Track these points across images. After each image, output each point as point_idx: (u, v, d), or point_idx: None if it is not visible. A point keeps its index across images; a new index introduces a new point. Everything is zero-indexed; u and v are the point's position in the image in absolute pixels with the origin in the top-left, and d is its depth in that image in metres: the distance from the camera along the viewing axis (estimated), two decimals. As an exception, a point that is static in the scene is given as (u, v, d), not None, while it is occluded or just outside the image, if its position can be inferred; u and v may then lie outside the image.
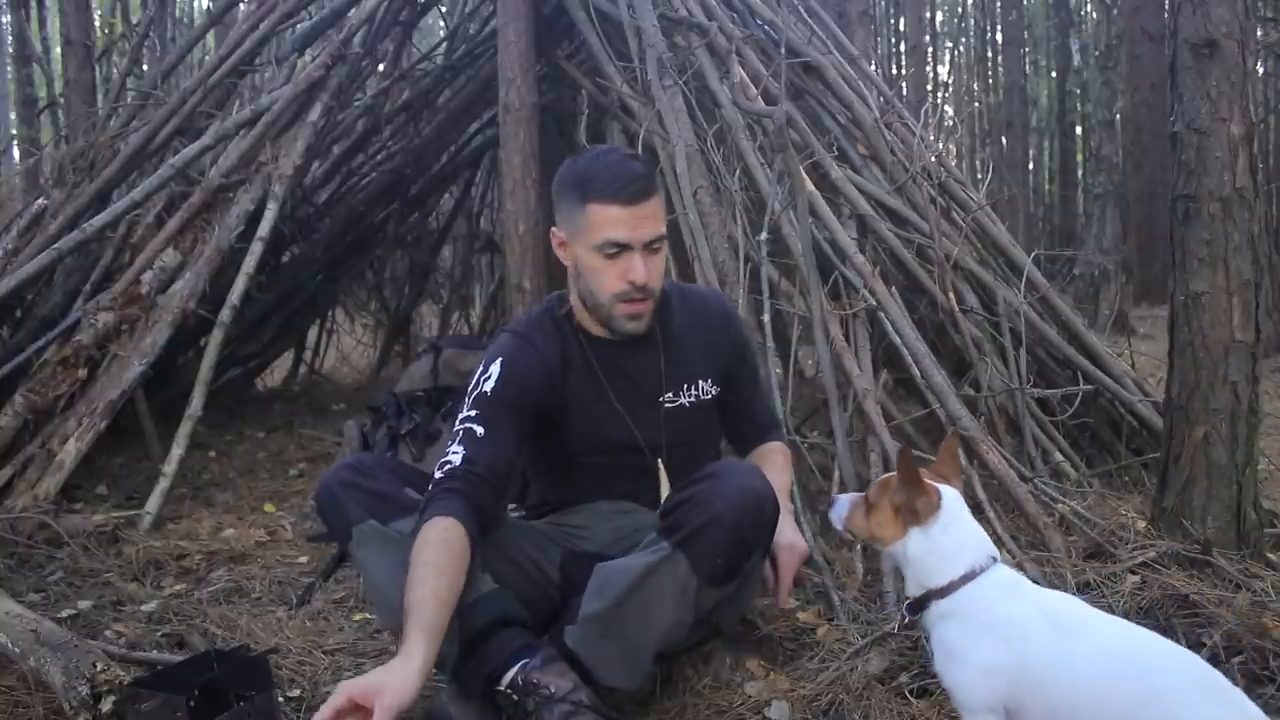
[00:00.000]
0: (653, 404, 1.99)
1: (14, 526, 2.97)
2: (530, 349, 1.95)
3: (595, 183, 1.85)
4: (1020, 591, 1.50)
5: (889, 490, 1.55)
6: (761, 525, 1.81)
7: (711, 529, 1.74)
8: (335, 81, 4.05)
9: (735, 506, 1.74)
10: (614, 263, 1.86)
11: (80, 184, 4.10)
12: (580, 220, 1.87)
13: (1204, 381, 2.36)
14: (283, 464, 4.21)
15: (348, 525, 1.84)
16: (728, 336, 2.08)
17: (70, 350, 3.49)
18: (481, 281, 7.21)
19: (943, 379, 2.92)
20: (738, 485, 1.77)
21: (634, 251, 1.86)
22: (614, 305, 1.90)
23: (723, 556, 1.77)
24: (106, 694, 1.77)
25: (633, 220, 1.85)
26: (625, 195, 1.84)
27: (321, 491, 1.90)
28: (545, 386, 1.93)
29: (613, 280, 1.87)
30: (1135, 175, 12.47)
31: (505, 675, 1.74)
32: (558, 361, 1.96)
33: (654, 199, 1.89)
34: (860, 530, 1.61)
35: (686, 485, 1.82)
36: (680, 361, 2.01)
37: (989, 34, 21.33)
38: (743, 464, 1.86)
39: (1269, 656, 1.94)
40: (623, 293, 1.88)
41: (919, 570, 1.53)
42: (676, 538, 1.75)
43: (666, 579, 1.76)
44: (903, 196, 3.41)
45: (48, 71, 10.76)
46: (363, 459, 1.92)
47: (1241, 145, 2.33)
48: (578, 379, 1.97)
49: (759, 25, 3.80)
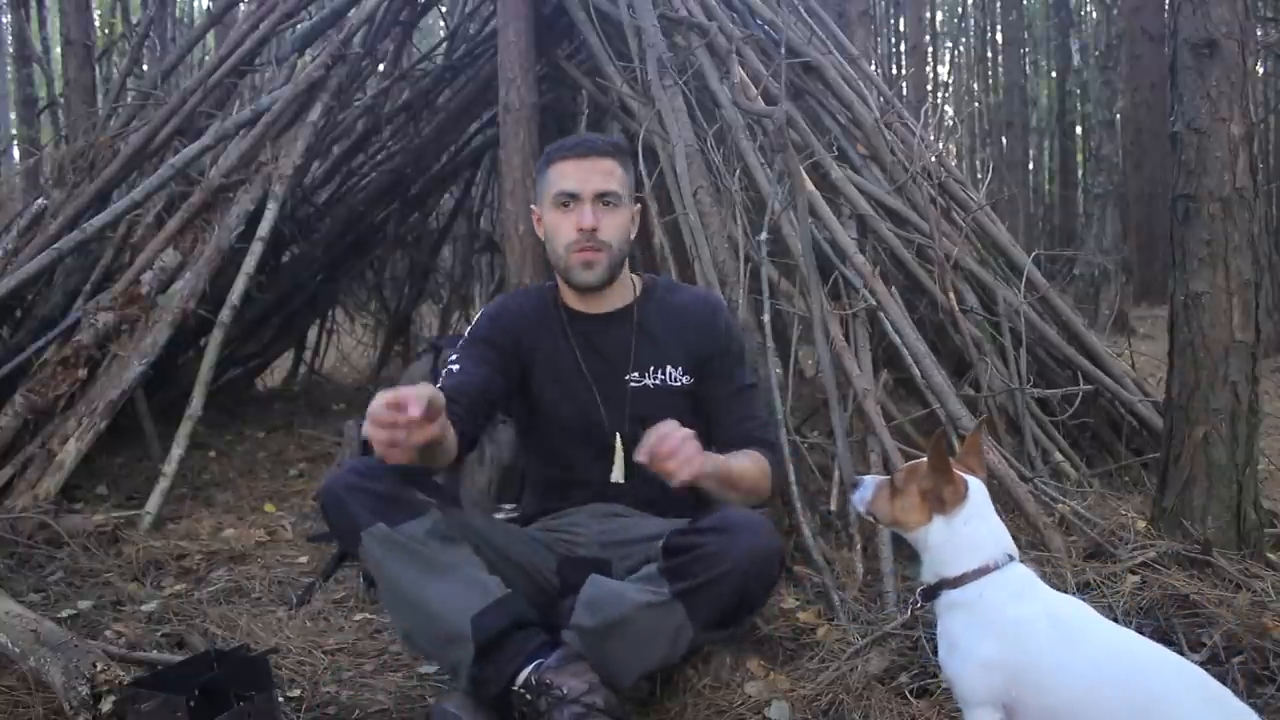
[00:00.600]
0: (619, 381, 2.06)
1: (14, 526, 2.97)
2: (510, 302, 2.19)
3: (556, 147, 2.10)
4: (1031, 592, 1.50)
5: (918, 476, 1.54)
6: (769, 582, 1.86)
7: (717, 586, 1.75)
8: (335, 81, 4.04)
9: (743, 568, 1.76)
10: (567, 214, 2.02)
11: (80, 184, 4.09)
12: (543, 184, 2.08)
13: (1204, 381, 2.36)
14: (283, 464, 4.21)
15: (355, 529, 1.82)
16: (709, 332, 2.10)
17: (70, 350, 3.49)
18: (481, 281, 7.20)
19: (943, 379, 2.92)
20: (749, 546, 1.77)
21: (584, 202, 2.01)
22: (569, 255, 2.03)
23: (723, 611, 1.79)
24: (106, 694, 1.77)
25: (580, 172, 2.02)
26: (576, 152, 2.05)
27: (326, 494, 1.89)
28: (521, 328, 2.09)
29: (566, 230, 2.02)
30: (1135, 175, 12.48)
31: (520, 675, 1.75)
32: (533, 317, 2.11)
33: (607, 160, 2.05)
34: (884, 514, 1.60)
35: (698, 531, 1.81)
36: (652, 344, 2.07)
37: (989, 34, 21.33)
38: (755, 518, 1.84)
39: (1269, 656, 1.94)
40: (574, 241, 2.01)
41: (936, 558, 1.53)
42: (678, 587, 1.75)
43: (661, 623, 1.77)
44: (903, 196, 3.41)
45: (48, 71, 10.76)
46: (366, 461, 1.92)
47: (1241, 145, 2.33)
48: (551, 343, 2.09)
49: (759, 25, 3.80)
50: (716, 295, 2.25)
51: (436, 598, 1.79)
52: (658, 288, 2.16)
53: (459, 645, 1.77)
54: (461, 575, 1.81)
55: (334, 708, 2.01)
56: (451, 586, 1.79)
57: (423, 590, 1.79)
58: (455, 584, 1.79)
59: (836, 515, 2.69)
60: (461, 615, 1.77)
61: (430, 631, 1.81)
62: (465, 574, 1.81)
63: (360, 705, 2.02)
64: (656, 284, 2.17)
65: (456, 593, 1.79)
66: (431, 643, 1.85)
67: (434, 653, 1.91)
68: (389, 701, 2.03)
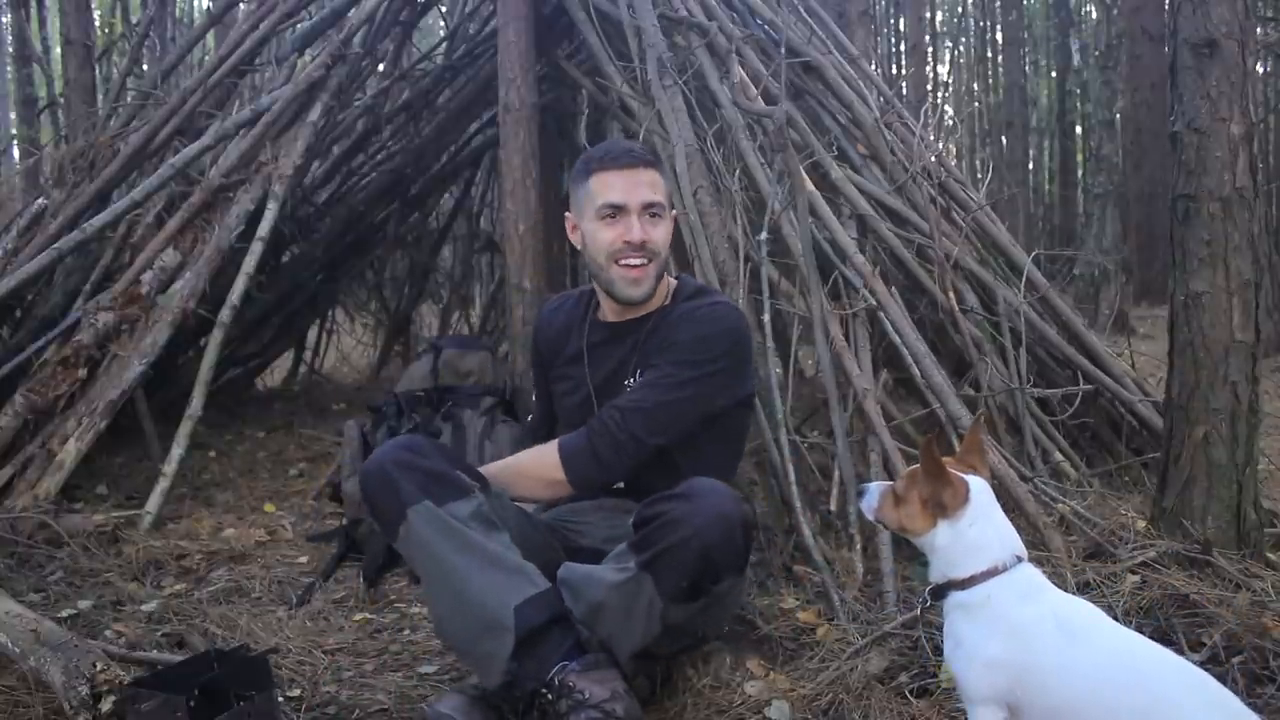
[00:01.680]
0: (620, 386, 2.07)
1: (14, 526, 2.97)
2: (546, 316, 2.29)
3: (596, 157, 2.05)
4: (1039, 594, 1.50)
5: (916, 483, 1.53)
6: (732, 549, 1.80)
7: (680, 550, 1.73)
8: (335, 81, 4.04)
9: (705, 531, 1.73)
10: (612, 225, 1.99)
11: (80, 184, 4.09)
12: (584, 194, 2.03)
13: (1204, 381, 2.35)
14: (283, 464, 4.21)
15: (401, 506, 1.79)
16: (674, 327, 2.03)
17: (70, 350, 3.49)
18: (481, 281, 7.20)
19: (943, 379, 2.92)
20: (711, 509, 1.75)
21: (630, 214, 1.97)
22: (611, 266, 2.00)
23: (688, 579, 1.76)
24: (106, 694, 1.77)
25: (627, 184, 1.98)
26: (621, 162, 2.00)
27: (370, 471, 1.85)
28: (550, 341, 2.23)
29: (610, 242, 1.99)
30: (1135, 175, 12.47)
31: (549, 675, 1.75)
32: (563, 327, 2.20)
33: (651, 170, 2.02)
34: (890, 521, 1.58)
35: (660, 500, 1.80)
36: (654, 351, 2.05)
37: (989, 34, 21.33)
38: (717, 485, 1.82)
39: (1269, 656, 1.94)
40: (618, 250, 1.98)
41: (943, 560, 1.52)
42: (643, 557, 1.75)
43: (632, 599, 1.76)
44: (903, 196, 3.41)
45: (48, 71, 10.75)
46: (414, 438, 1.91)
47: (1241, 145, 2.33)
48: (574, 348, 2.15)
49: (759, 25, 3.80)
50: (725, 314, 2.06)
51: (479, 583, 1.77)
52: (682, 295, 2.09)
53: (496, 635, 1.75)
54: (505, 563, 1.79)
55: (334, 708, 2.01)
56: (494, 573, 1.78)
57: (466, 574, 1.77)
58: (498, 571, 1.78)
59: (836, 515, 2.69)
60: (504, 604, 1.75)
61: (467, 618, 1.78)
62: (508, 561, 1.80)
63: (360, 705, 2.02)
64: (682, 290, 2.11)
65: (499, 580, 1.77)
66: (466, 629, 1.80)
67: (466, 641, 1.84)
68: (389, 701, 2.03)
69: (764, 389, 2.71)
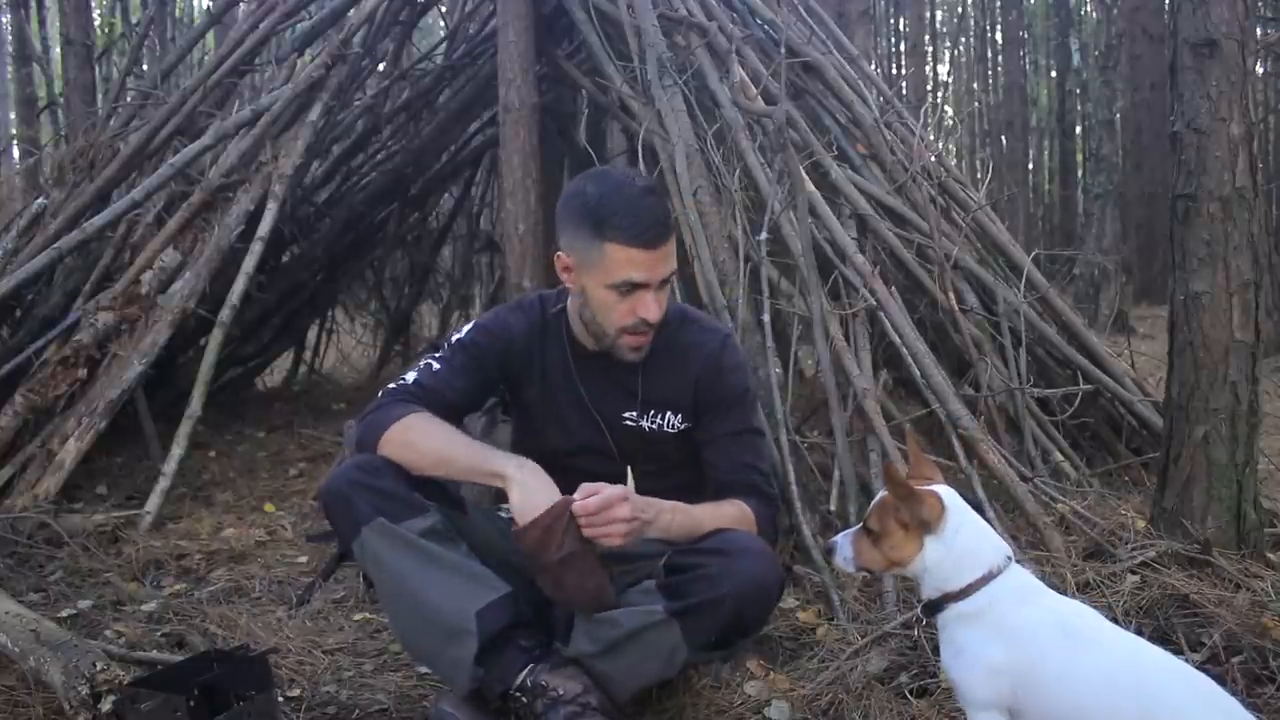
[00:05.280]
0: (616, 417, 1.96)
1: (14, 526, 2.98)
2: (507, 319, 2.02)
3: (615, 221, 1.79)
4: (1037, 597, 1.50)
5: (891, 510, 1.51)
6: (765, 611, 1.83)
7: (714, 609, 1.72)
8: (335, 81, 4.04)
9: (741, 593, 1.72)
10: (626, 299, 1.84)
11: (80, 184, 4.10)
12: (595, 256, 1.82)
13: (1204, 381, 2.36)
14: (283, 464, 4.21)
15: (356, 525, 1.80)
16: (715, 376, 1.96)
17: (70, 350, 3.49)
18: (481, 281, 7.20)
19: (943, 379, 2.92)
20: (749, 572, 1.73)
21: (649, 290, 1.84)
22: (619, 337, 1.89)
23: (718, 634, 1.76)
24: (106, 694, 1.77)
25: (651, 262, 1.81)
26: (646, 240, 1.80)
27: (328, 490, 1.87)
28: (513, 351, 1.98)
29: (622, 315, 1.85)
30: (1135, 175, 12.48)
31: (517, 678, 1.75)
32: (535, 343, 1.99)
33: (672, 239, 1.87)
34: (874, 562, 1.55)
35: (700, 551, 1.78)
36: (655, 387, 1.96)
37: (989, 34, 21.32)
38: (757, 544, 1.80)
39: (1269, 656, 1.94)
40: (631, 325, 1.86)
41: (937, 576, 1.50)
42: (676, 606, 1.73)
43: (657, 643, 1.75)
44: (903, 196, 3.41)
45: (48, 71, 10.77)
46: (370, 459, 1.88)
47: (1241, 145, 2.33)
48: (555, 374, 1.98)
49: (759, 25, 3.80)
50: (725, 333, 2.05)
51: (438, 591, 1.77)
52: (670, 321, 1.96)
53: (460, 641, 1.75)
54: (462, 569, 1.80)
55: (334, 707, 2.01)
56: (453, 580, 1.78)
57: (423, 583, 1.77)
58: (456, 577, 1.78)
59: (836, 515, 2.69)
60: (464, 610, 1.75)
61: (430, 627, 1.79)
62: (466, 568, 1.80)
63: (360, 705, 2.02)
64: (670, 315, 1.96)
65: (458, 586, 1.78)
66: (430, 639, 1.82)
67: (432, 651, 1.86)
68: (389, 701, 2.04)
69: (764, 389, 2.72)
